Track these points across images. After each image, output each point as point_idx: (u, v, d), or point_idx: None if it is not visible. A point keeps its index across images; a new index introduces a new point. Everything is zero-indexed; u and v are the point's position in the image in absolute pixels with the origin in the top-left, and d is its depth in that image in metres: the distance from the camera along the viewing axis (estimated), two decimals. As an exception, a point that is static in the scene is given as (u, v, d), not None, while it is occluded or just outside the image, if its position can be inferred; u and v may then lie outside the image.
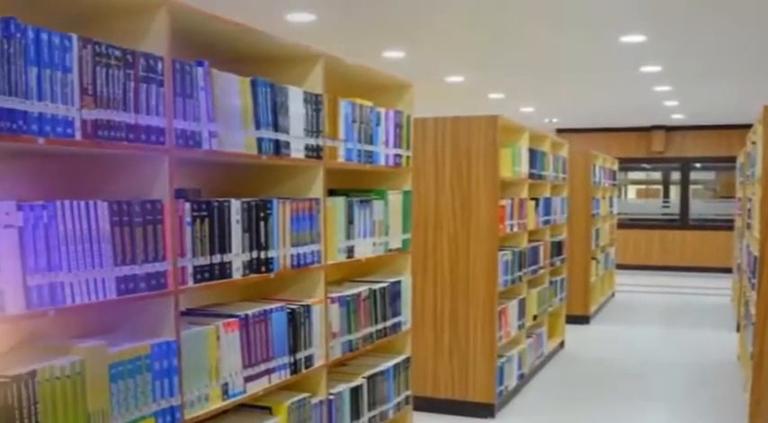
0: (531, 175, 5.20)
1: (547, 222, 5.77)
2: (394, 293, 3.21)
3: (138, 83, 1.84)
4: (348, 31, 5.94)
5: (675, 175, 13.55)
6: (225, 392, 2.18)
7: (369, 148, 2.95)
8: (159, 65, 1.90)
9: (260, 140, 2.30)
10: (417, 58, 7.00)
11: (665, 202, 13.91)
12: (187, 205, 2.02)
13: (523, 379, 5.20)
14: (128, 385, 1.82)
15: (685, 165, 13.27)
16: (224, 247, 2.16)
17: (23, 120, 1.56)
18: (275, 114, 2.37)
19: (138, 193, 1.95)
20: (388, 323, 3.17)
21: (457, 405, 4.54)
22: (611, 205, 9.17)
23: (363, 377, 2.99)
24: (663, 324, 7.77)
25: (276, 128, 2.37)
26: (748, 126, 10.18)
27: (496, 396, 4.52)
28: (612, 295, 9.61)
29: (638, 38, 6.03)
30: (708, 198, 13.89)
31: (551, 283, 6.01)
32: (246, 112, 2.24)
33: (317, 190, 2.63)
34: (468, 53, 6.81)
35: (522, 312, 5.08)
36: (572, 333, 7.00)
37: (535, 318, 5.47)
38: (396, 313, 3.23)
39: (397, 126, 3.20)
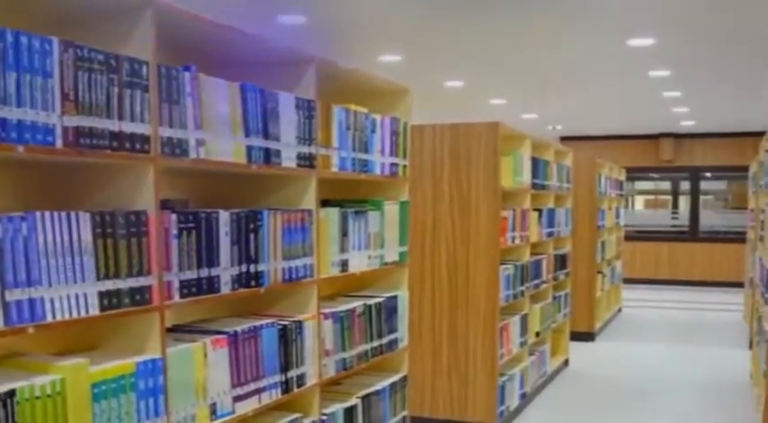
0: (534, 185, 5.14)
1: (550, 234, 5.71)
2: (390, 309, 3.16)
3: (122, 88, 1.81)
4: (342, 34, 5.89)
5: (685, 185, 13.47)
6: (213, 413, 2.14)
7: (364, 156, 2.92)
8: (144, 69, 1.87)
9: (250, 149, 2.27)
10: (415, 62, 6.95)
11: (674, 213, 13.83)
12: (173, 216, 1.99)
13: (526, 398, 5.13)
14: (111, 405, 1.78)
15: (695, 174, 13.16)
16: (212, 261, 2.13)
17: (2, 127, 1.54)
18: (265, 121, 2.34)
19: (121, 203, 1.93)
20: (384, 340, 3.12)
21: (456, 425, 4.47)
22: (617, 216, 9.12)
23: (358, 397, 2.95)
24: (672, 341, 7.70)
25: (266, 135, 2.35)
26: (761, 134, 10.08)
27: (497, 416, 4.46)
28: (619, 311, 9.55)
29: (646, 41, 5.97)
30: (719, 209, 13.78)
31: (555, 298, 5.95)
32: (235, 119, 2.21)
33: (310, 200, 2.60)
34: (468, 57, 6.74)
35: (524, 329, 5.02)
36: (576, 350, 6.92)
37: (538, 334, 5.40)
38: (392, 330, 3.19)
39: (394, 133, 3.16)
